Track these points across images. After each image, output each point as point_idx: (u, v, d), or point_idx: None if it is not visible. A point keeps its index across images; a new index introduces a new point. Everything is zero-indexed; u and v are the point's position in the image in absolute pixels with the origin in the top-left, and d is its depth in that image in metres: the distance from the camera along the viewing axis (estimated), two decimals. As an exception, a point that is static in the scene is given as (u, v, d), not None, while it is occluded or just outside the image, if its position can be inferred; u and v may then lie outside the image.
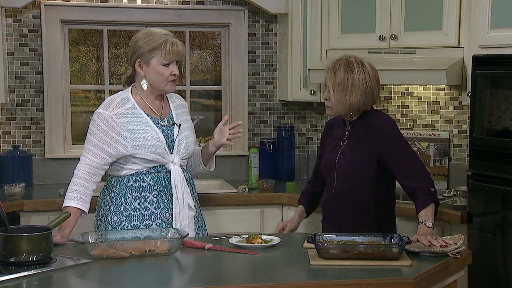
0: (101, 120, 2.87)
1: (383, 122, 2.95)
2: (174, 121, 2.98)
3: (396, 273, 2.37)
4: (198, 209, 3.08)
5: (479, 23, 3.48)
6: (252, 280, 2.33)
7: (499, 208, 3.32)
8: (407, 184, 2.84)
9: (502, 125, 3.33)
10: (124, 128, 2.86)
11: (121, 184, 2.92)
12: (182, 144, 2.96)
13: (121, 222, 2.90)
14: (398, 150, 2.89)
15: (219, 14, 4.58)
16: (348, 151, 2.94)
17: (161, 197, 2.92)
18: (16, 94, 4.33)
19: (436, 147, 4.19)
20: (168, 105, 3.03)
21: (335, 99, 2.90)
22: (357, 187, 2.91)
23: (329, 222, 3.02)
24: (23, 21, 4.31)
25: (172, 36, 2.93)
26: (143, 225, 2.89)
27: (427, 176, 2.86)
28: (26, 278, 2.27)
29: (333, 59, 3.00)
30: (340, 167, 2.94)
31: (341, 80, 2.88)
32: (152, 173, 2.92)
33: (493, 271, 3.33)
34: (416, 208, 2.79)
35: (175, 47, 2.90)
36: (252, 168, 4.46)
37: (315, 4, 4.25)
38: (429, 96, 4.24)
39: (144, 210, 2.90)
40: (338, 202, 2.96)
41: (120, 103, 2.91)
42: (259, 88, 4.70)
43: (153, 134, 2.89)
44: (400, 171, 2.86)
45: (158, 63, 2.88)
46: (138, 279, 2.33)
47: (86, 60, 4.69)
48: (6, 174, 4.15)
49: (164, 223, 2.91)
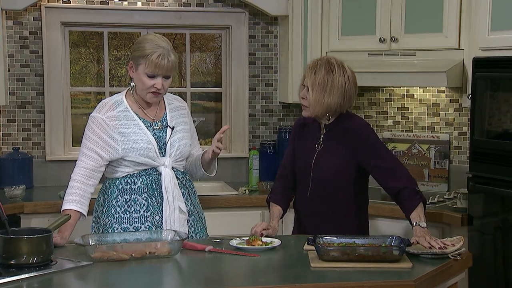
0: (94, 123, 2.89)
1: (360, 127, 2.93)
2: (167, 123, 2.96)
3: (397, 276, 2.36)
4: (194, 212, 3.05)
5: (480, 26, 3.48)
6: (252, 283, 2.33)
7: (500, 210, 3.32)
8: (391, 186, 2.85)
9: (502, 127, 3.33)
10: (115, 131, 2.87)
11: (113, 187, 2.93)
12: (175, 146, 2.94)
13: (111, 224, 2.90)
14: (378, 154, 2.89)
15: (219, 16, 4.58)
16: (325, 155, 2.93)
17: (151, 199, 2.91)
18: (16, 96, 4.33)
19: (436, 149, 4.19)
20: (164, 107, 3.01)
21: (313, 99, 2.87)
22: (333, 190, 2.91)
23: (302, 224, 3.01)
24: (24, 24, 4.31)
25: (167, 49, 2.83)
26: (132, 228, 2.88)
27: (409, 177, 2.87)
28: (26, 281, 2.27)
29: (314, 59, 2.98)
30: (316, 170, 2.92)
31: (321, 80, 2.86)
32: (143, 176, 2.91)
33: (494, 273, 3.33)
34: (406, 210, 2.81)
35: (161, 61, 2.81)
36: (252, 170, 4.46)
37: (316, 6, 4.25)
38: (430, 98, 4.25)
39: (133, 213, 2.89)
40: (313, 204, 2.95)
41: (112, 106, 2.91)
42: (260, 90, 4.70)
43: (144, 137, 2.88)
44: (383, 174, 2.87)
45: (143, 72, 2.85)
46: (138, 282, 2.33)
47: (86, 62, 4.69)
48: (7, 176, 4.15)
49: (154, 226, 2.89)
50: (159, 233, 2.72)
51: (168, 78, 2.89)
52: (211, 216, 3.97)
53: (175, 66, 2.89)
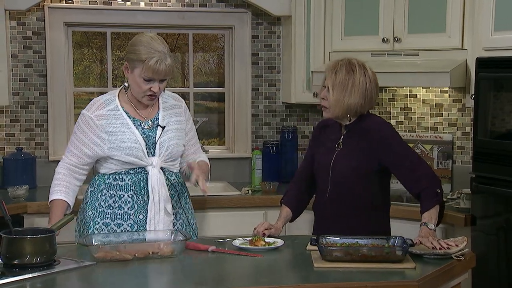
0: (82, 121, 2.90)
1: (381, 127, 2.90)
2: (159, 123, 2.92)
3: (400, 276, 2.36)
4: (183, 216, 2.99)
5: (483, 26, 3.48)
6: (255, 283, 2.33)
7: (503, 211, 3.31)
8: (413, 187, 2.81)
9: (505, 127, 3.32)
10: (102, 130, 2.86)
11: (101, 180, 2.92)
12: (164, 146, 2.90)
13: (94, 217, 2.89)
14: (401, 154, 2.85)
15: (222, 17, 4.58)
16: (344, 156, 2.89)
17: (137, 197, 2.89)
18: (20, 96, 4.34)
19: (439, 150, 4.18)
20: (157, 105, 2.96)
21: (333, 99, 2.84)
22: (353, 191, 2.87)
23: (322, 226, 2.97)
24: (27, 24, 4.32)
25: (164, 53, 2.78)
26: (114, 224, 2.87)
27: (432, 177, 2.81)
28: (29, 281, 2.27)
29: (334, 60, 2.96)
30: (336, 171, 2.89)
31: (342, 80, 2.84)
32: (131, 174, 2.89)
33: (497, 274, 3.32)
34: (421, 210, 2.77)
35: (159, 67, 2.77)
36: (255, 170, 4.46)
37: (318, 6, 4.25)
38: (433, 98, 4.24)
39: (117, 209, 2.88)
40: (333, 205, 2.91)
41: (103, 104, 2.90)
42: (262, 90, 4.70)
43: (131, 136, 2.86)
44: (405, 175, 2.82)
45: (139, 75, 2.81)
46: (141, 282, 2.33)
47: (89, 63, 4.69)
48: (10, 176, 4.16)
49: (137, 225, 2.87)
50: (162, 233, 2.72)
51: (164, 80, 2.85)
52: (214, 216, 4.00)
53: (172, 69, 2.85)
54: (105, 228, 2.86)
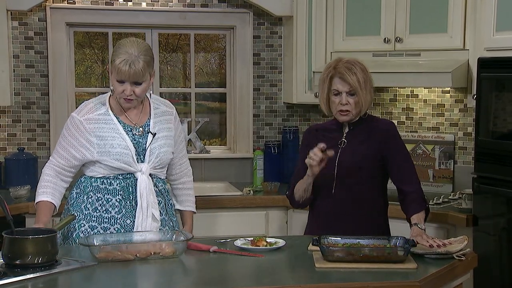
0: (71, 123, 2.88)
1: (387, 124, 3.01)
2: (150, 129, 2.90)
3: (402, 276, 2.36)
4: (169, 223, 2.97)
5: (485, 26, 3.48)
6: (257, 283, 2.33)
7: (505, 211, 3.31)
8: (402, 187, 2.90)
9: (507, 127, 3.32)
10: (92, 134, 2.84)
11: (87, 182, 2.90)
12: (154, 153, 2.88)
13: (79, 220, 2.86)
14: (400, 152, 2.94)
15: (224, 17, 4.58)
16: (349, 151, 2.92)
17: (125, 202, 2.86)
18: (21, 96, 4.34)
19: (441, 150, 4.18)
20: (148, 111, 2.94)
21: (363, 99, 2.87)
22: (358, 188, 2.90)
23: (323, 226, 2.95)
24: (29, 24, 4.32)
25: (135, 56, 2.74)
26: (100, 228, 2.84)
27: (419, 184, 2.93)
28: (31, 281, 2.27)
29: (337, 63, 2.90)
30: (341, 166, 2.91)
31: (363, 79, 2.87)
32: (120, 179, 2.87)
33: (499, 274, 3.32)
34: (409, 211, 2.86)
35: (123, 67, 2.73)
36: (257, 171, 4.46)
37: (320, 6, 4.25)
38: (434, 98, 4.24)
39: (104, 213, 2.85)
40: (338, 203, 2.92)
41: (93, 108, 2.89)
42: (264, 90, 4.70)
43: (121, 141, 2.84)
44: (398, 172, 2.91)
45: (114, 76, 2.81)
46: (143, 282, 2.33)
47: (91, 63, 4.70)
48: (12, 177, 4.16)
49: (124, 229, 2.85)
50: (164, 233, 2.72)
51: (139, 84, 2.79)
52: (215, 216, 3.99)
53: (141, 73, 2.75)
54: (91, 231, 2.83)
